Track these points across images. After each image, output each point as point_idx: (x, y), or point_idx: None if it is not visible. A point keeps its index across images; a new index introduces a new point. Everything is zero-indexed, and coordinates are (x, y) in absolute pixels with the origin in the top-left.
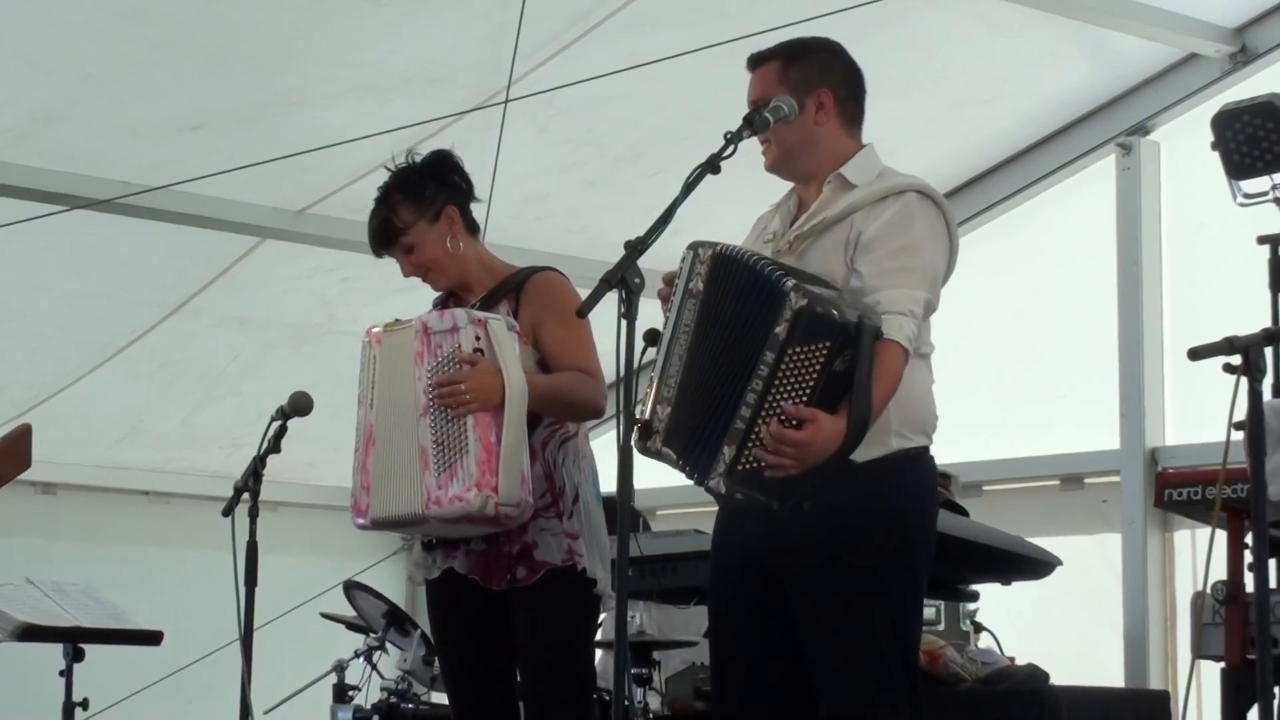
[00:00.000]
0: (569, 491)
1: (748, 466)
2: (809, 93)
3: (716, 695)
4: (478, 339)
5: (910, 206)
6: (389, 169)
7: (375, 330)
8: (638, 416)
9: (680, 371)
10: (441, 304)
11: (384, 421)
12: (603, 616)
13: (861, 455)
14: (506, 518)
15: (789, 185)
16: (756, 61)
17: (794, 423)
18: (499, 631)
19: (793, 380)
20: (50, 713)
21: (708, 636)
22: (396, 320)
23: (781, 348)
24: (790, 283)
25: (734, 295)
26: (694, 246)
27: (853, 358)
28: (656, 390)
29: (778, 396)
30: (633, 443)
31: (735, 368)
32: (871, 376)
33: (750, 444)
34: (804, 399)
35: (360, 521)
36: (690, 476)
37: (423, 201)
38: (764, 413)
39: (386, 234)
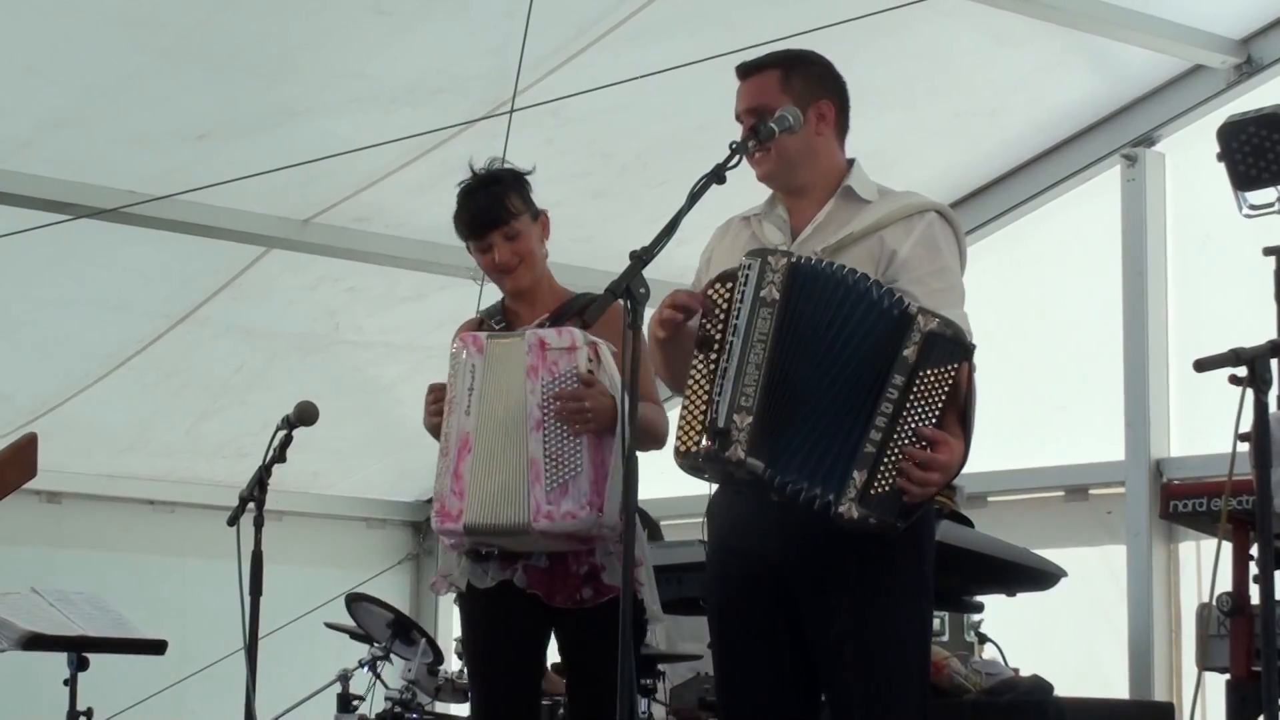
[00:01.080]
0: (615, 522)
1: (882, 490)
2: (811, 103)
3: (722, 703)
4: (590, 360)
5: (934, 229)
6: (475, 170)
7: (477, 337)
8: (713, 421)
9: (762, 382)
10: (494, 317)
11: (486, 430)
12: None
13: None
14: (600, 540)
15: None
16: (750, 70)
17: (924, 445)
18: (539, 646)
19: (924, 402)
20: None
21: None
22: (507, 328)
23: (912, 371)
24: (915, 306)
25: (831, 308)
26: (759, 254)
27: (970, 377)
28: (731, 397)
29: (910, 420)
30: (699, 448)
31: (854, 389)
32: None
33: (883, 468)
34: (934, 420)
35: (449, 526)
36: (794, 497)
37: (527, 198)
38: (896, 436)
39: (496, 214)
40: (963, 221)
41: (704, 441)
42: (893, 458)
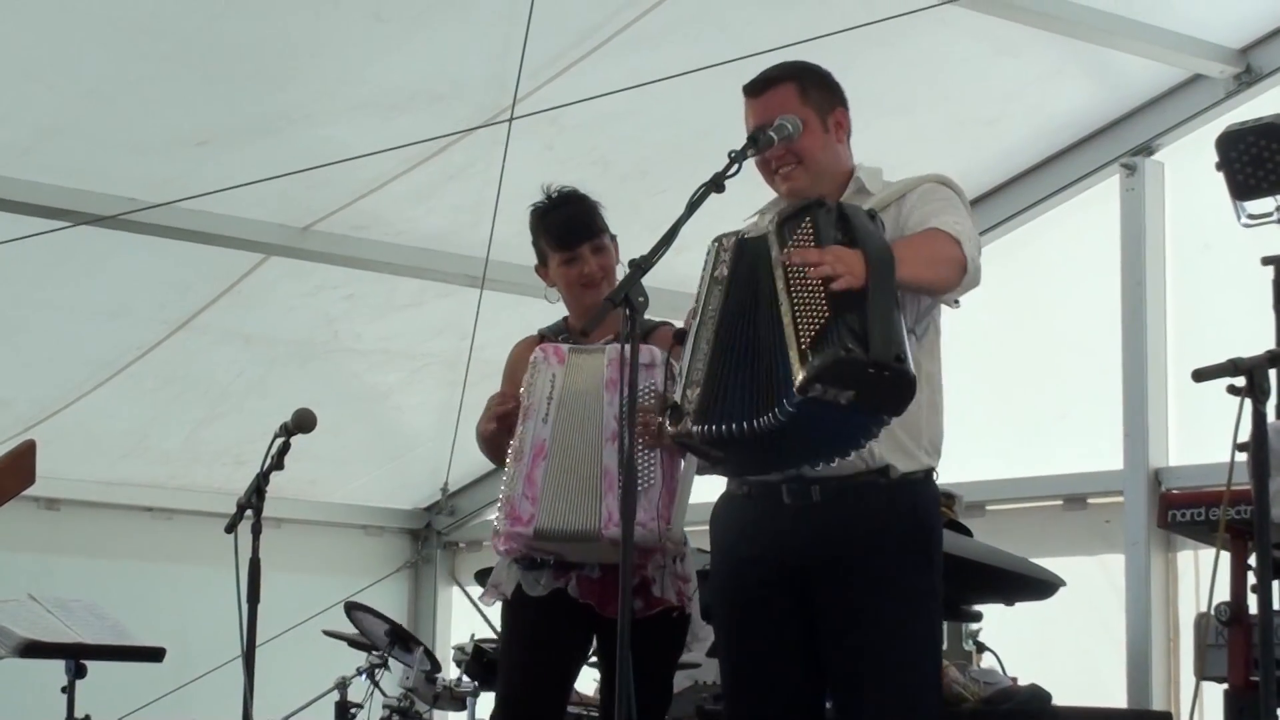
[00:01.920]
0: (680, 537)
1: (812, 334)
2: (829, 112)
3: (729, 699)
4: (668, 378)
5: (934, 187)
6: (547, 192)
7: (559, 348)
8: (670, 400)
9: (708, 354)
10: (559, 335)
11: (562, 438)
12: None
13: (903, 464)
14: (664, 552)
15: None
16: (761, 86)
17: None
18: (581, 657)
19: (800, 269)
20: None
21: (715, 650)
22: (572, 341)
23: (781, 263)
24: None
25: (751, 268)
26: (718, 239)
27: (845, 224)
28: (686, 375)
29: (797, 289)
30: (666, 429)
31: (762, 313)
32: (874, 229)
33: (802, 324)
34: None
35: (518, 529)
36: (722, 436)
37: (603, 219)
38: (798, 303)
39: (590, 225)
40: None
41: (666, 422)
42: (804, 309)
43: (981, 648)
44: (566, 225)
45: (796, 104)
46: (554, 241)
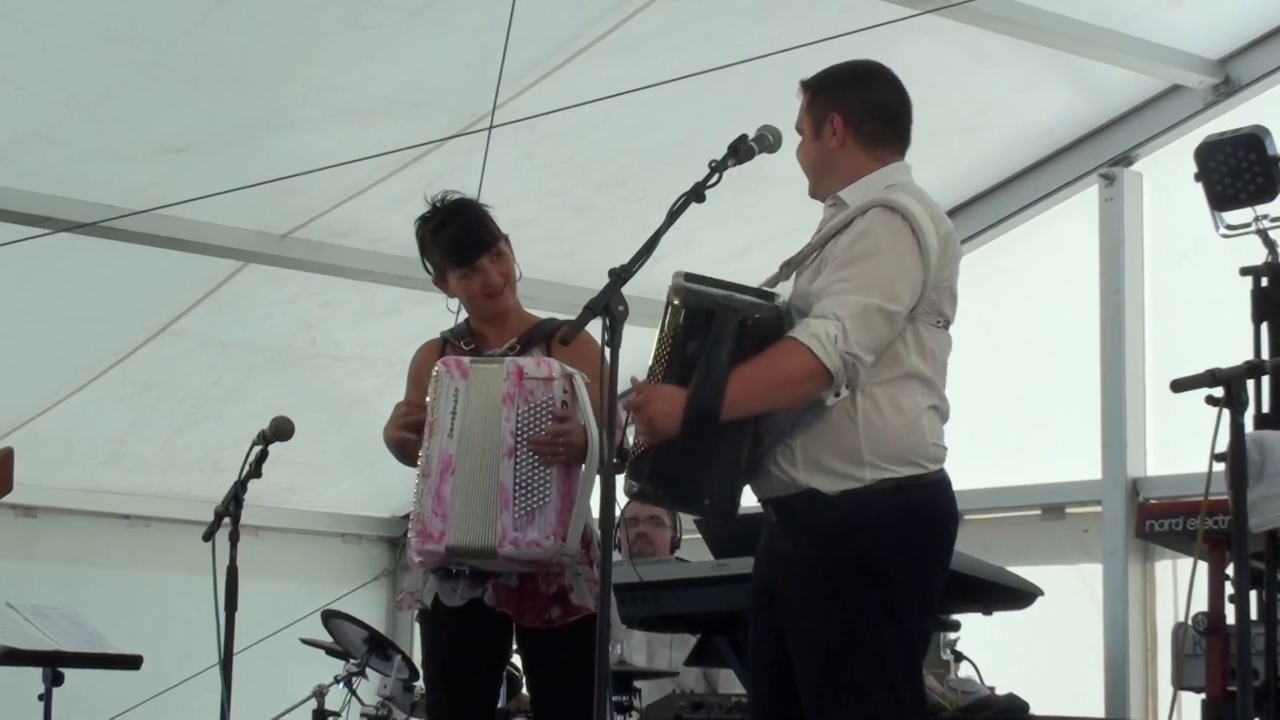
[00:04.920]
0: (575, 550)
1: (633, 453)
2: (824, 119)
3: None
4: (565, 391)
5: (871, 222)
6: (433, 203)
7: (461, 361)
8: (623, 450)
9: None
10: (462, 339)
11: (466, 453)
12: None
13: (831, 485)
14: (561, 566)
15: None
16: (800, 90)
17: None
18: (502, 664)
19: (657, 365)
20: None
21: (699, 665)
22: (475, 351)
23: (656, 340)
24: (679, 281)
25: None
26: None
27: (702, 342)
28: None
29: (649, 382)
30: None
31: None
32: (722, 358)
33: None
34: (659, 378)
35: (430, 547)
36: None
37: (496, 224)
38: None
39: (485, 237)
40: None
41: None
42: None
43: (959, 657)
44: (462, 241)
45: (803, 112)
46: (452, 258)
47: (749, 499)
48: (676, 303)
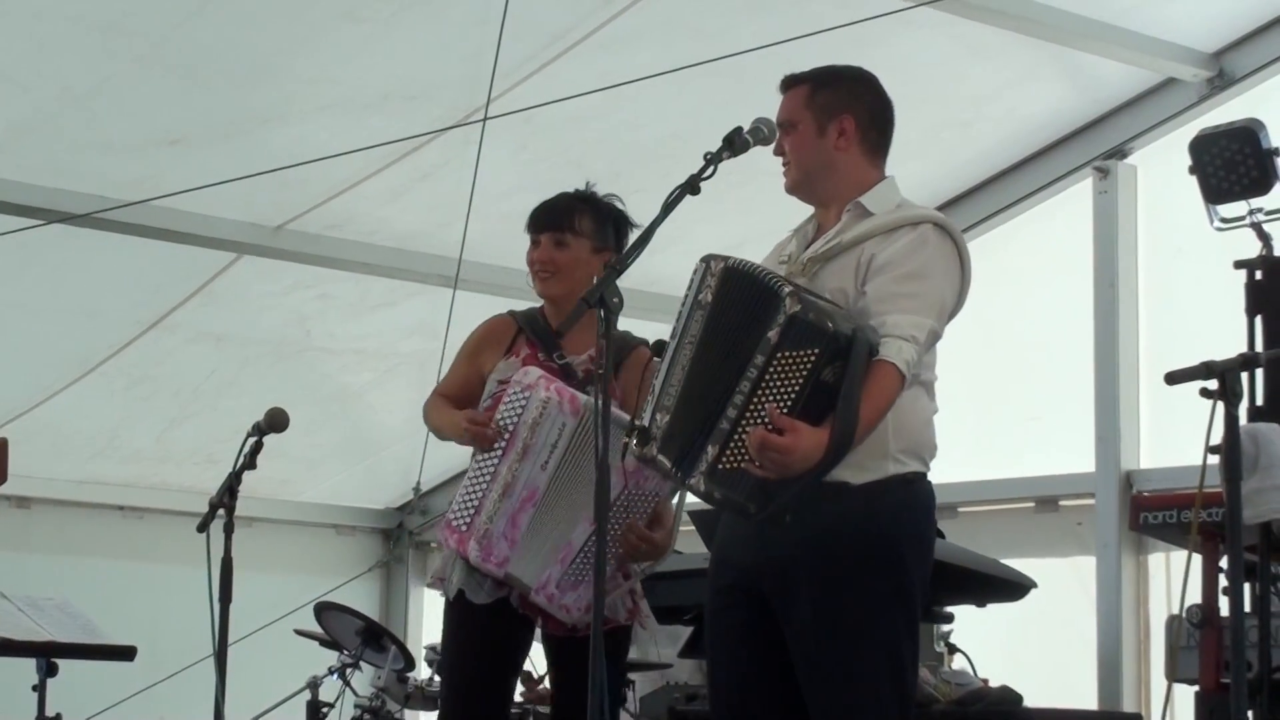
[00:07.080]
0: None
1: (728, 467)
2: (832, 118)
3: (712, 704)
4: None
5: (925, 235)
6: (586, 190)
7: (574, 396)
8: (637, 423)
9: (682, 381)
10: (533, 325)
11: (556, 494)
12: None
13: (858, 478)
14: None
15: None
16: (788, 84)
17: (773, 428)
18: (520, 662)
19: (779, 384)
20: None
21: (693, 657)
22: (529, 334)
23: (771, 351)
24: (788, 289)
25: (738, 305)
26: (706, 260)
27: (842, 370)
28: (658, 399)
29: (763, 399)
30: (631, 449)
31: (729, 371)
32: (860, 392)
33: (732, 445)
34: (788, 405)
35: (490, 568)
36: (674, 477)
37: (601, 230)
38: (749, 414)
39: (560, 219)
40: None
41: (633, 442)
42: (743, 436)
43: (953, 649)
44: (538, 211)
45: (800, 107)
46: (528, 222)
47: None
48: (811, 318)
